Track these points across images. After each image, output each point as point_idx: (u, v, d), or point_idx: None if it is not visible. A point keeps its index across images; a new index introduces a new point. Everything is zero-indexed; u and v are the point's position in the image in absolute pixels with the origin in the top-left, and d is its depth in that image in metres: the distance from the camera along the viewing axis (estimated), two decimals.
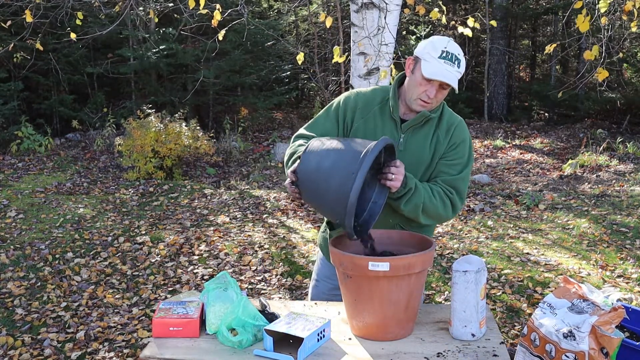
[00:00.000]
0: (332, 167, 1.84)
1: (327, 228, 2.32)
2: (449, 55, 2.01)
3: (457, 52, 2.03)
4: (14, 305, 4.08)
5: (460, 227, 5.71)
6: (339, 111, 2.19)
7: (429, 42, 2.06)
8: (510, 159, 9.70)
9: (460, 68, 2.03)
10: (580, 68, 12.88)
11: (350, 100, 2.19)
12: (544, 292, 4.08)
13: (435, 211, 2.09)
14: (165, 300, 2.15)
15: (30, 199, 6.27)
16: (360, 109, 2.17)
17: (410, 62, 2.11)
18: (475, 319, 1.94)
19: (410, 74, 2.11)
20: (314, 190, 1.88)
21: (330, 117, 2.20)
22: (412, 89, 2.09)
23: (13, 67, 9.11)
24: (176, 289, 4.35)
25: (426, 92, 2.05)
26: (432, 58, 2.01)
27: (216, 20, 4.24)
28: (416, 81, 2.06)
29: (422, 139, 2.14)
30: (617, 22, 8.39)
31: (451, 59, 2.01)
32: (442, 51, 2.01)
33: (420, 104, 2.08)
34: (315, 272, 2.47)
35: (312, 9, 12.04)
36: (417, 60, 2.07)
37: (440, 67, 2.00)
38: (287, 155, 2.12)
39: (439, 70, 2.00)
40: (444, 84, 2.03)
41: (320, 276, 2.43)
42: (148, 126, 7.41)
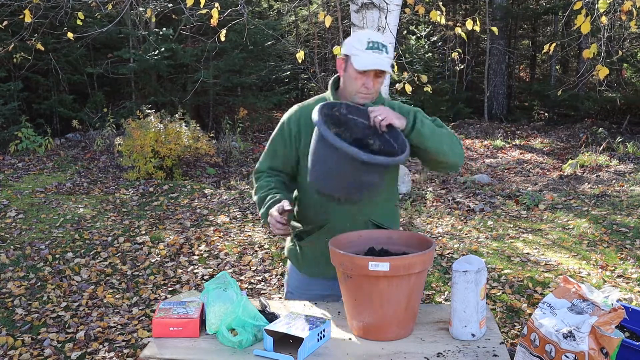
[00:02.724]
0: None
1: (296, 240, 2.33)
2: (375, 44, 2.09)
3: (382, 40, 2.12)
4: (14, 305, 4.08)
5: (460, 227, 5.71)
6: (284, 132, 2.26)
7: (352, 38, 2.16)
8: (510, 159, 9.70)
9: (388, 54, 2.12)
10: (580, 68, 12.89)
11: (293, 116, 2.25)
12: (544, 292, 4.08)
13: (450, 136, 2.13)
14: (165, 300, 2.15)
15: (30, 199, 6.27)
16: (304, 120, 2.20)
17: (340, 63, 2.19)
18: (475, 319, 1.94)
19: (343, 73, 2.18)
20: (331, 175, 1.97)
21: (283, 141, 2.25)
22: (350, 86, 2.15)
23: (13, 67, 9.11)
24: (176, 289, 4.35)
25: (364, 85, 2.12)
26: (360, 52, 2.09)
27: (215, 20, 4.24)
28: (351, 77, 2.13)
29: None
30: (616, 22, 8.39)
31: (378, 47, 2.09)
32: (368, 42, 2.09)
33: (361, 97, 2.15)
34: (287, 284, 2.46)
35: (312, 9, 12.04)
36: (347, 58, 2.15)
37: (371, 57, 2.07)
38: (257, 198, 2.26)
39: (370, 60, 2.07)
40: (378, 72, 2.11)
41: (292, 287, 2.43)
42: (148, 126, 7.41)
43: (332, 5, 10.84)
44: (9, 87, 8.82)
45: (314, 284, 2.33)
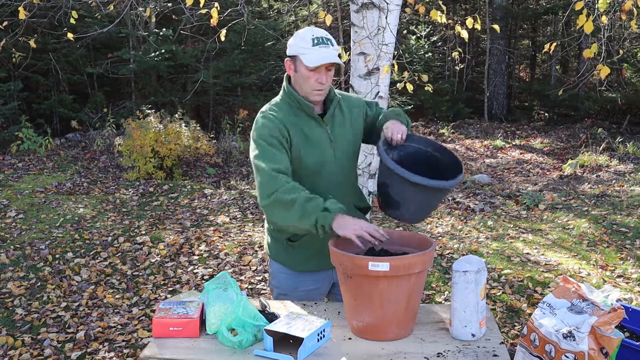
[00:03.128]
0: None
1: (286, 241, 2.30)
2: (320, 39, 2.13)
3: (325, 34, 2.16)
4: (14, 305, 4.08)
5: (460, 227, 5.71)
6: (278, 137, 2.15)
7: (296, 38, 2.18)
8: (510, 159, 9.71)
9: (334, 46, 2.16)
10: (580, 68, 12.89)
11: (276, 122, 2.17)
12: (544, 292, 4.08)
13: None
14: (165, 300, 2.15)
15: (30, 199, 6.27)
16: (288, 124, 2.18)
17: (289, 64, 2.21)
18: (475, 319, 1.94)
19: (293, 73, 2.20)
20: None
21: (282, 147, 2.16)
22: (303, 84, 2.18)
23: (13, 67, 9.10)
24: (176, 289, 4.35)
25: (317, 80, 2.15)
26: (307, 49, 2.12)
27: (215, 20, 4.24)
28: (303, 76, 2.15)
29: (340, 124, 2.28)
30: (617, 22, 8.39)
31: (324, 42, 2.13)
32: (313, 39, 2.13)
33: (316, 93, 2.18)
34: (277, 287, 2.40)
35: (312, 9, 12.04)
36: (295, 58, 2.17)
37: (319, 53, 2.11)
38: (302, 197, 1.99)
39: (319, 55, 2.11)
40: (329, 66, 2.14)
41: (284, 289, 2.38)
42: (147, 126, 7.41)
43: (332, 5, 10.84)
44: (9, 87, 8.82)
45: (302, 279, 2.34)
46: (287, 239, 2.29)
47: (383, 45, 4.15)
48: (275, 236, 2.34)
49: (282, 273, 2.37)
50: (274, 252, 2.38)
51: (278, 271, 2.39)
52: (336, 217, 1.95)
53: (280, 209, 2.03)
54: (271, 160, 2.09)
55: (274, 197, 2.03)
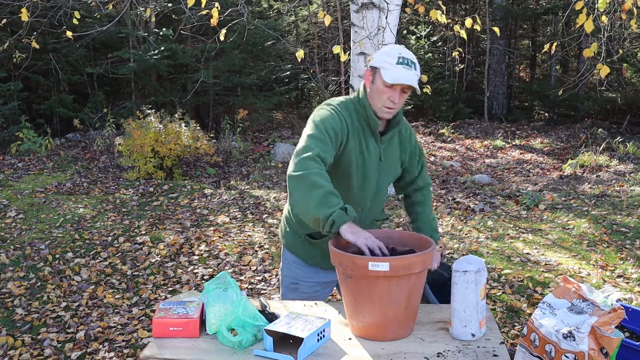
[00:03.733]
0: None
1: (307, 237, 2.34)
2: (405, 60, 2.13)
3: (412, 57, 2.17)
4: (14, 305, 4.08)
5: (460, 227, 5.71)
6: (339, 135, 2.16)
7: (383, 52, 2.19)
8: (510, 159, 9.70)
9: (417, 71, 2.16)
10: (580, 68, 12.89)
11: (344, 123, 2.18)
12: (544, 292, 4.08)
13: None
14: (165, 301, 2.15)
15: (30, 199, 6.27)
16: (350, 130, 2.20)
17: (368, 74, 2.21)
18: (475, 319, 1.94)
19: (370, 84, 2.20)
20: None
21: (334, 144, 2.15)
22: (375, 98, 2.18)
23: (13, 67, 9.10)
24: (176, 289, 4.35)
25: (389, 98, 2.14)
26: (390, 65, 2.12)
27: (215, 20, 4.24)
28: (378, 90, 2.16)
29: (394, 148, 2.33)
30: (617, 21, 8.39)
31: (408, 64, 2.13)
32: (399, 57, 2.13)
33: (385, 110, 2.18)
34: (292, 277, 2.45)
35: (312, 9, 12.04)
36: (376, 70, 2.17)
37: (400, 72, 2.11)
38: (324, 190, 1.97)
39: (399, 74, 2.11)
40: (405, 88, 2.14)
41: (300, 278, 2.43)
42: (147, 126, 7.41)
43: (332, 5, 10.84)
44: (9, 87, 8.81)
45: (314, 271, 2.42)
46: (307, 234, 2.33)
47: (383, 45, 4.15)
48: (295, 228, 2.38)
49: (295, 264, 2.43)
50: (290, 242, 2.43)
51: (291, 261, 2.44)
52: (349, 222, 1.96)
53: (304, 187, 2.00)
54: (321, 147, 2.08)
55: (305, 173, 2.00)
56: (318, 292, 2.45)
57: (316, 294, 2.44)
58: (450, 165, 8.91)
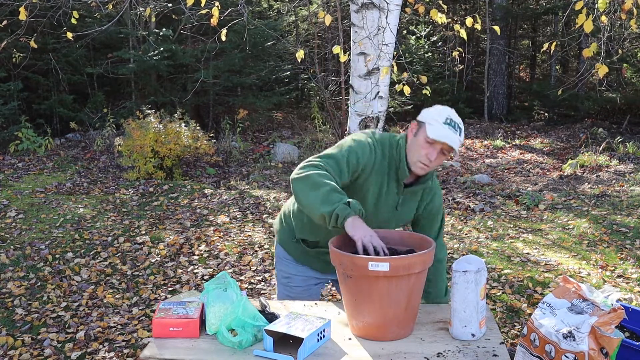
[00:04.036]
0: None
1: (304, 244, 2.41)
2: (452, 122, 2.13)
3: (459, 122, 2.17)
4: (14, 305, 4.08)
5: (460, 227, 5.71)
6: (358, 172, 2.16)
7: (433, 109, 2.20)
8: (510, 159, 9.70)
9: (461, 136, 2.15)
10: (580, 68, 12.89)
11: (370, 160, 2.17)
12: (544, 292, 4.08)
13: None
14: (165, 301, 2.15)
15: (30, 199, 6.27)
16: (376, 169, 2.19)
17: (413, 126, 2.20)
18: (475, 319, 1.94)
19: (412, 137, 2.19)
20: None
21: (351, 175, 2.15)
22: (414, 151, 2.16)
23: (13, 67, 9.10)
24: (176, 289, 4.35)
25: (427, 155, 2.13)
26: (437, 122, 2.12)
27: (215, 19, 4.24)
28: (419, 143, 2.14)
29: (413, 201, 2.31)
30: (617, 22, 8.39)
31: (454, 127, 2.13)
32: (447, 118, 2.13)
33: (420, 166, 2.16)
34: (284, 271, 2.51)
35: (312, 9, 12.04)
36: (421, 124, 2.16)
37: (445, 131, 2.10)
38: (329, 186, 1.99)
39: (443, 133, 2.10)
40: (445, 149, 2.13)
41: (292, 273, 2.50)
42: (147, 127, 7.40)
43: (332, 5, 10.84)
44: (8, 87, 8.81)
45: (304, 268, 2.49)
46: (302, 240, 2.39)
47: (383, 45, 4.16)
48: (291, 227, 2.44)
49: (286, 259, 2.50)
50: (283, 239, 2.49)
51: (283, 256, 2.51)
52: (354, 216, 1.96)
53: (307, 186, 2.02)
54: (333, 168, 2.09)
55: (309, 173, 2.04)
56: (311, 287, 2.51)
57: (309, 289, 2.51)
58: (450, 165, 8.91)
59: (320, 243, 2.36)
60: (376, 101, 4.30)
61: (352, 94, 4.36)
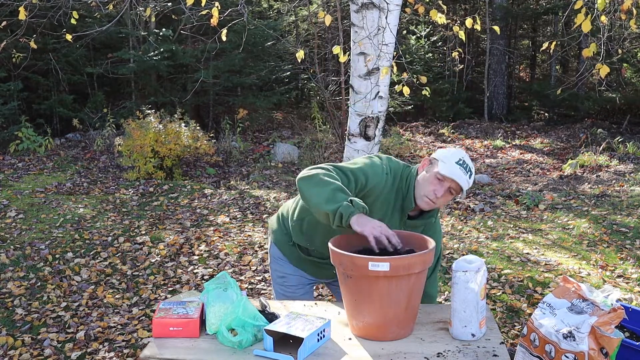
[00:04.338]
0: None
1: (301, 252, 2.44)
2: (465, 164, 2.17)
3: (471, 165, 2.22)
4: (14, 305, 4.08)
5: (460, 227, 5.71)
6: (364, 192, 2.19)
7: (448, 150, 2.25)
8: (510, 159, 9.70)
9: (470, 179, 2.19)
10: (580, 68, 12.88)
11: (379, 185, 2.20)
12: (544, 292, 4.08)
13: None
14: (165, 300, 2.15)
15: (30, 199, 6.27)
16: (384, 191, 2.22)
17: (425, 162, 2.25)
18: (475, 319, 1.94)
19: (423, 172, 2.23)
20: None
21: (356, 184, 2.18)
22: (423, 186, 2.20)
23: (13, 67, 9.10)
24: (176, 289, 4.35)
25: (435, 191, 2.17)
26: (449, 161, 2.17)
27: (215, 19, 4.23)
28: (429, 179, 2.18)
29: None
30: (617, 22, 8.39)
31: (466, 168, 2.17)
32: (460, 159, 2.17)
33: (426, 201, 2.20)
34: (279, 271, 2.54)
35: (312, 9, 12.04)
36: (434, 161, 2.21)
37: (456, 170, 2.15)
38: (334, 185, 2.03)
39: (454, 171, 2.14)
40: (453, 188, 2.16)
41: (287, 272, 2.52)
42: (147, 127, 7.41)
43: (332, 5, 10.84)
44: (9, 87, 8.81)
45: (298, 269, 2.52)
46: (298, 245, 2.42)
47: (383, 45, 4.15)
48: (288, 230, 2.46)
49: (280, 259, 2.53)
50: (280, 240, 2.50)
51: (278, 257, 2.54)
52: (357, 214, 1.97)
53: (313, 186, 2.06)
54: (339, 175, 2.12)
55: (315, 173, 2.08)
56: (305, 286, 2.55)
57: (303, 287, 2.54)
58: None
59: (314, 252, 2.39)
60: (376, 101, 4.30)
61: (352, 94, 4.35)
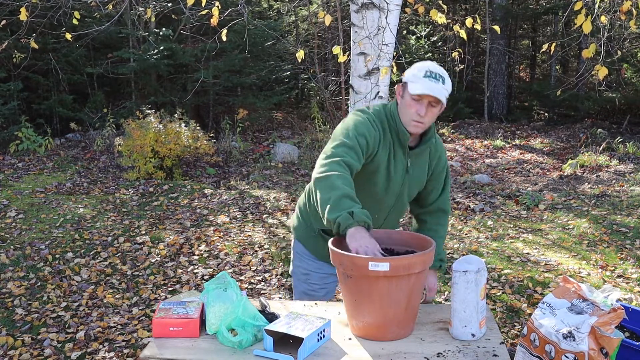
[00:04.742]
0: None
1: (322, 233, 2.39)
2: (432, 74, 2.14)
3: (440, 71, 2.17)
4: (14, 305, 4.08)
5: (460, 227, 5.71)
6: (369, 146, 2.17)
7: (413, 67, 2.22)
8: (510, 159, 9.70)
9: (445, 85, 2.15)
10: (580, 68, 12.89)
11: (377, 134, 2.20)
12: (544, 292, 4.08)
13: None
14: (165, 300, 2.15)
15: (30, 199, 6.27)
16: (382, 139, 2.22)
17: (399, 89, 2.23)
18: (475, 319, 1.94)
19: (400, 99, 2.22)
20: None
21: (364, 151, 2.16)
22: (404, 112, 2.20)
23: (13, 67, 9.10)
24: (176, 289, 4.35)
25: (417, 111, 2.15)
26: (417, 78, 2.14)
27: (215, 19, 4.24)
28: (407, 103, 2.17)
29: (422, 163, 2.34)
30: (617, 22, 8.39)
31: (435, 77, 2.14)
32: (426, 71, 2.14)
33: (414, 124, 2.19)
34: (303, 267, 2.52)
35: (312, 9, 12.04)
36: (405, 84, 2.19)
37: (426, 84, 2.12)
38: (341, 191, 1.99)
39: (425, 86, 2.12)
40: (433, 102, 2.15)
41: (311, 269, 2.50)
42: (147, 127, 7.41)
43: (332, 5, 10.84)
44: (8, 87, 8.81)
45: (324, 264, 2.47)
46: (321, 229, 2.38)
47: (383, 45, 4.16)
48: (309, 222, 2.44)
49: (305, 255, 2.50)
50: (301, 235, 2.50)
51: (302, 253, 2.51)
52: (355, 226, 1.93)
53: (324, 188, 2.03)
54: (350, 154, 2.10)
55: (328, 174, 2.04)
56: (329, 284, 2.52)
57: (327, 286, 2.52)
58: (451, 165, 8.92)
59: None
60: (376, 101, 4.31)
61: (352, 94, 4.36)
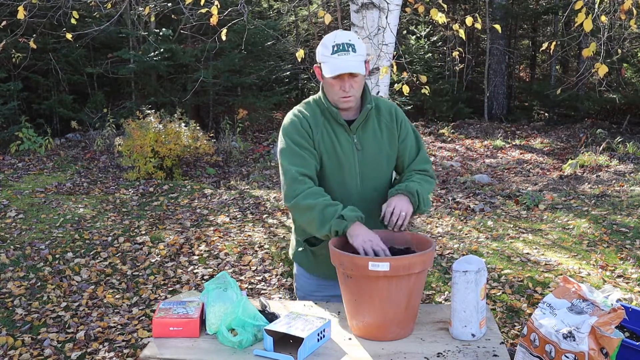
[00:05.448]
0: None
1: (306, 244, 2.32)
2: (340, 46, 2.06)
3: (347, 40, 2.07)
4: (14, 305, 4.08)
5: (460, 227, 5.71)
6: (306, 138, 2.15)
7: (320, 45, 2.13)
8: (510, 159, 9.70)
9: (357, 52, 2.06)
10: (580, 68, 12.88)
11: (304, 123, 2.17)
12: (544, 292, 4.08)
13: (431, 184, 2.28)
14: (165, 300, 2.15)
15: (30, 199, 6.27)
16: (313, 126, 2.18)
17: (317, 70, 2.18)
18: (475, 319, 1.94)
19: (322, 79, 2.17)
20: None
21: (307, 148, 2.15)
22: (329, 92, 2.15)
23: (13, 67, 9.10)
24: (176, 289, 4.35)
25: (341, 88, 2.09)
26: (327, 58, 2.08)
27: (215, 19, 4.23)
28: (328, 83, 2.13)
29: (372, 133, 2.21)
30: (616, 22, 8.39)
31: (344, 49, 2.05)
32: (333, 47, 2.06)
33: (342, 101, 2.13)
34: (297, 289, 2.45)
35: (312, 9, 12.04)
36: (320, 65, 2.14)
37: (338, 62, 2.05)
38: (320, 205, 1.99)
39: (337, 65, 2.05)
40: (351, 74, 2.07)
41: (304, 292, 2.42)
42: (147, 127, 7.41)
43: (332, 5, 10.84)
44: (8, 87, 8.81)
45: (326, 285, 2.35)
46: (305, 240, 2.31)
47: (383, 45, 4.16)
48: (297, 237, 2.36)
49: (302, 276, 2.41)
50: (297, 255, 2.40)
51: (299, 274, 2.43)
52: (352, 225, 1.95)
53: (302, 213, 2.05)
54: (296, 162, 2.09)
55: (294, 201, 2.05)
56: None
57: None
58: (450, 165, 8.91)
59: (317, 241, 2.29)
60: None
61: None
